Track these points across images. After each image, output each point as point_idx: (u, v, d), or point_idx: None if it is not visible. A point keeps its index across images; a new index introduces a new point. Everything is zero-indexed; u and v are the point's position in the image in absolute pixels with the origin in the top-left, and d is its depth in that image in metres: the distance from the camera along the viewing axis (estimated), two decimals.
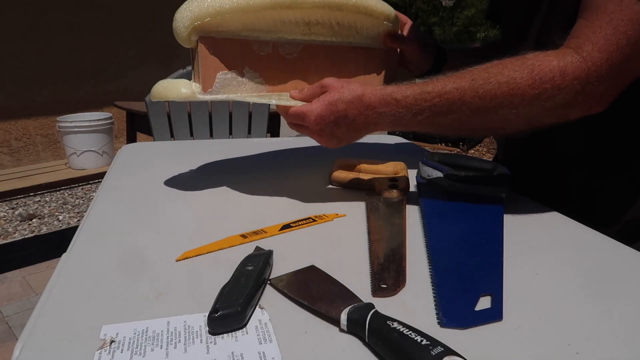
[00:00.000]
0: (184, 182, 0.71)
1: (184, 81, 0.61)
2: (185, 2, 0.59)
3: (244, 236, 0.52)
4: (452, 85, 0.54)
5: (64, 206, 3.02)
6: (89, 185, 3.25)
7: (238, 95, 0.62)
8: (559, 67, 0.51)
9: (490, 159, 0.75)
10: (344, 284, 0.42)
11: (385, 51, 0.74)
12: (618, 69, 0.51)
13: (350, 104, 0.56)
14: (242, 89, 0.63)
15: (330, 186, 0.69)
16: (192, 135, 2.15)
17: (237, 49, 0.61)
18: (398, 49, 0.77)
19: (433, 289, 0.43)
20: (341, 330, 0.37)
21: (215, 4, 0.58)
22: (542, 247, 0.52)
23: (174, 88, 0.61)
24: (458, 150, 4.32)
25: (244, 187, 0.68)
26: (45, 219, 2.83)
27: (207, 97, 0.60)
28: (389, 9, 0.70)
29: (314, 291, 0.41)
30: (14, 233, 2.66)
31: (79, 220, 2.77)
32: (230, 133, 2.21)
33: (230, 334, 0.36)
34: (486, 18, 0.86)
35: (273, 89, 0.65)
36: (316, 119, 0.57)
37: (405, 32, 0.78)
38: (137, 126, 2.38)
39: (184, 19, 0.58)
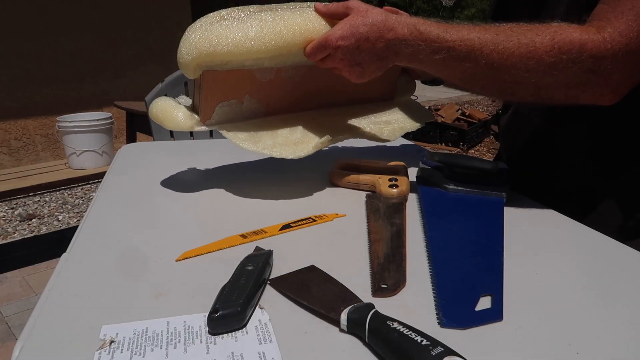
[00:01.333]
0: (184, 182, 0.71)
1: (182, 112, 0.61)
2: (191, 33, 0.58)
3: (244, 236, 0.52)
4: (475, 34, 0.54)
5: (63, 206, 3.02)
6: (89, 185, 3.25)
7: (231, 134, 0.62)
8: (579, 41, 0.51)
9: (490, 159, 0.75)
10: (344, 284, 0.42)
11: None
12: (635, 56, 0.51)
13: (373, 26, 0.56)
14: (241, 116, 0.63)
15: (330, 186, 0.69)
16: (192, 135, 2.15)
17: (239, 79, 0.61)
18: None
19: (433, 289, 0.43)
20: (341, 330, 0.37)
21: (228, 43, 0.56)
22: (542, 247, 0.52)
23: (172, 117, 0.61)
24: (458, 150, 4.32)
25: (244, 187, 0.68)
26: (45, 219, 2.83)
27: (204, 129, 0.61)
28: None
29: (314, 291, 0.41)
30: (14, 233, 2.66)
31: (78, 220, 2.77)
32: None
33: (230, 334, 0.36)
34: (492, 19, 0.86)
35: (270, 112, 0.66)
36: (337, 41, 0.57)
37: None
38: (137, 126, 2.38)
39: (189, 54, 0.57)
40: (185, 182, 0.71)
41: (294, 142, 0.64)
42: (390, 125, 0.76)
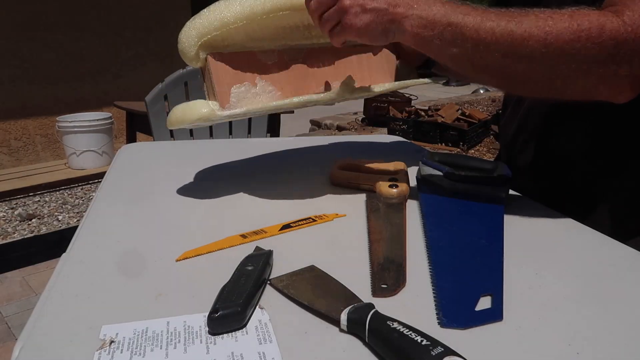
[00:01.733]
0: (183, 182, 0.71)
1: (201, 102, 0.59)
2: (188, 22, 0.58)
3: (244, 236, 0.52)
4: (491, 21, 0.51)
5: (63, 206, 3.02)
6: (89, 185, 3.25)
7: (257, 108, 0.61)
8: (598, 21, 0.49)
9: (490, 159, 0.75)
10: (344, 284, 0.42)
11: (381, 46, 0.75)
12: None
13: None
14: (258, 99, 0.62)
15: (330, 186, 0.69)
16: (192, 135, 2.15)
17: (245, 61, 0.61)
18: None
19: (433, 289, 0.43)
20: (341, 330, 0.37)
21: (219, 18, 0.57)
22: (542, 247, 0.52)
23: (193, 110, 0.59)
24: (458, 150, 4.32)
25: (244, 187, 0.68)
26: (45, 219, 2.83)
27: (227, 113, 0.59)
28: None
29: (314, 291, 0.41)
30: (14, 233, 2.66)
31: (78, 220, 2.77)
32: (230, 133, 2.21)
33: (230, 334, 0.36)
34: None
35: (285, 95, 0.65)
36: None
37: None
38: (137, 126, 2.38)
39: (189, 37, 0.57)
40: (185, 182, 0.71)
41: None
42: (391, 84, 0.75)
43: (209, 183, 0.70)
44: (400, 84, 0.73)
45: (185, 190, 0.67)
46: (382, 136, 1.00)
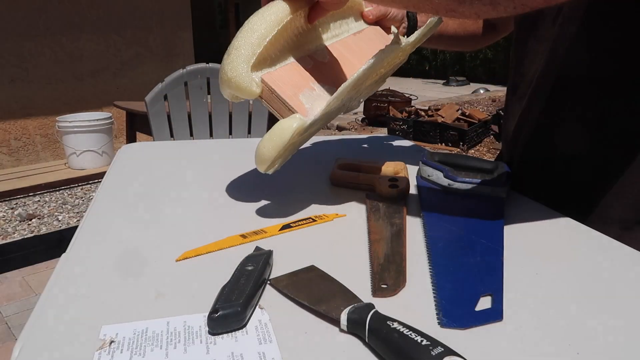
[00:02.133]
0: (184, 182, 0.71)
1: (285, 121, 0.56)
2: (223, 63, 0.55)
3: (244, 236, 0.52)
4: None
5: (63, 206, 3.02)
6: (89, 185, 3.25)
7: (336, 96, 0.57)
8: None
9: (490, 159, 0.75)
10: (344, 284, 0.42)
11: (373, 27, 0.77)
12: None
13: None
14: (324, 99, 0.60)
15: (330, 186, 0.69)
16: (192, 135, 2.15)
17: (291, 73, 0.60)
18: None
19: (433, 289, 0.43)
20: (341, 330, 0.37)
21: (255, 35, 0.55)
22: (542, 247, 0.52)
23: (283, 131, 0.54)
24: (458, 150, 4.32)
25: (244, 187, 0.68)
26: (45, 219, 2.83)
27: (313, 118, 0.56)
28: None
29: (314, 291, 0.41)
30: (14, 233, 2.66)
31: (78, 221, 2.77)
32: (230, 133, 2.21)
33: (230, 334, 0.36)
34: None
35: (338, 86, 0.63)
36: None
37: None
38: (137, 126, 2.38)
39: (238, 69, 0.54)
40: (185, 182, 0.71)
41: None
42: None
43: (209, 183, 0.70)
44: (420, 34, 0.71)
45: (185, 190, 0.67)
46: (382, 136, 1.00)
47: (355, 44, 0.72)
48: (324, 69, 0.65)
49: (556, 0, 0.43)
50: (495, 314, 0.39)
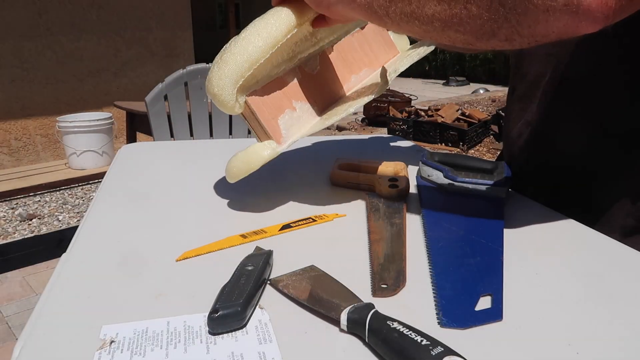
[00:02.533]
0: (183, 182, 0.71)
1: (257, 146, 0.58)
2: (214, 72, 0.56)
3: (244, 236, 0.52)
4: None
5: (63, 206, 3.02)
6: (89, 185, 3.25)
7: (308, 130, 0.61)
8: None
9: (490, 159, 0.75)
10: (344, 284, 0.42)
11: (373, 26, 0.76)
12: None
13: None
14: (303, 121, 0.62)
15: (330, 186, 0.69)
16: (192, 135, 2.15)
17: (275, 88, 0.61)
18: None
19: (433, 289, 0.43)
20: (341, 330, 0.37)
21: (246, 59, 0.55)
22: (542, 247, 0.52)
23: (255, 157, 0.58)
24: (458, 150, 4.32)
25: (244, 187, 0.68)
26: (45, 219, 2.83)
27: (285, 146, 0.59)
28: None
29: (314, 291, 0.41)
30: (14, 233, 2.66)
31: (78, 220, 2.77)
32: (230, 133, 2.21)
33: (230, 334, 0.36)
34: None
35: (321, 107, 0.66)
36: None
37: None
38: (137, 126, 2.39)
39: (224, 88, 0.55)
40: (185, 182, 0.71)
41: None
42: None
43: (209, 183, 0.70)
44: (411, 55, 0.72)
45: (185, 190, 0.67)
46: (382, 136, 1.00)
47: (351, 49, 0.71)
48: (311, 83, 0.65)
49: (568, 34, 0.43)
50: (495, 314, 0.39)
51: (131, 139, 2.42)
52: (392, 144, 0.97)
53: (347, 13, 0.53)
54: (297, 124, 0.61)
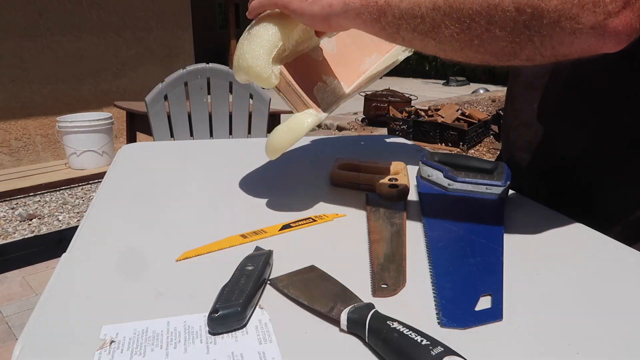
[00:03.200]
0: (184, 182, 0.71)
1: (299, 115, 0.57)
2: (242, 48, 0.55)
3: (244, 236, 0.52)
4: None
5: (63, 206, 3.02)
6: (89, 185, 3.25)
7: (346, 95, 0.61)
8: None
9: (490, 159, 0.75)
10: (344, 284, 0.42)
11: None
12: None
13: None
14: (336, 93, 0.62)
15: (330, 186, 0.69)
16: (192, 135, 2.15)
17: (305, 64, 0.61)
18: None
19: (433, 289, 0.43)
20: (341, 330, 0.37)
21: (273, 31, 0.55)
22: (542, 247, 0.52)
23: (298, 125, 0.56)
24: (458, 150, 4.32)
25: (244, 187, 0.68)
26: (45, 219, 2.83)
27: (326, 114, 0.58)
28: None
29: (314, 291, 0.41)
30: (14, 233, 2.66)
31: (78, 220, 2.77)
32: (230, 133, 2.21)
33: (230, 334, 0.36)
34: None
35: (347, 83, 0.66)
36: None
37: None
38: (137, 126, 2.38)
39: (259, 58, 0.54)
40: (185, 182, 0.71)
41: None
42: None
43: (209, 183, 0.70)
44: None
45: (185, 190, 0.67)
46: (382, 136, 1.00)
47: (361, 34, 0.72)
48: (333, 62, 0.66)
49: (589, 53, 0.43)
50: (495, 314, 0.39)
51: (131, 139, 2.42)
52: (392, 144, 0.97)
53: (350, 26, 0.52)
54: (331, 95, 0.61)
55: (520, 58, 0.44)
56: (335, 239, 0.53)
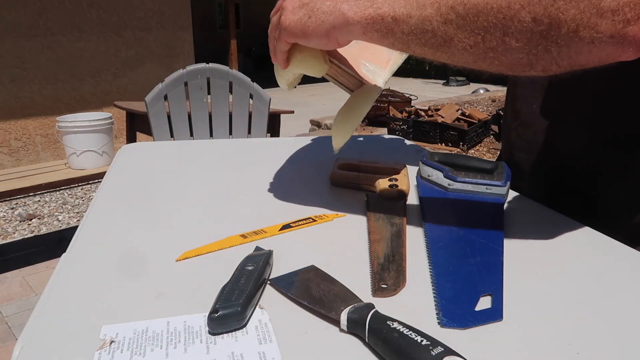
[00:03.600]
0: (184, 182, 0.71)
1: (355, 92, 0.60)
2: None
3: (244, 236, 0.52)
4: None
5: (63, 206, 3.02)
6: (89, 185, 3.25)
7: (393, 65, 0.62)
8: None
9: (490, 159, 0.75)
10: (344, 284, 0.42)
11: None
12: None
13: None
14: (377, 74, 0.63)
15: (330, 186, 0.69)
16: (192, 135, 2.15)
17: (345, 54, 0.61)
18: None
19: (433, 289, 0.43)
20: (341, 330, 0.37)
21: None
22: (542, 247, 0.52)
23: (366, 99, 0.60)
24: (458, 150, 4.32)
25: (244, 187, 0.68)
26: (45, 219, 2.83)
27: (382, 83, 0.60)
28: None
29: (314, 291, 0.41)
30: (14, 233, 2.66)
31: (78, 220, 2.77)
32: (230, 133, 2.21)
33: (230, 334, 0.36)
34: None
35: (381, 64, 0.66)
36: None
37: None
38: (137, 126, 2.38)
39: (307, 48, 0.54)
40: (185, 182, 0.71)
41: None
42: None
43: (209, 183, 0.70)
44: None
45: (185, 190, 0.67)
46: (382, 136, 1.00)
47: None
48: (363, 50, 0.66)
49: (607, 62, 0.42)
50: (495, 314, 0.39)
51: (131, 139, 2.42)
52: (392, 144, 0.97)
53: (357, 38, 0.50)
54: (375, 75, 0.62)
55: (536, 69, 0.44)
56: (335, 239, 0.53)
